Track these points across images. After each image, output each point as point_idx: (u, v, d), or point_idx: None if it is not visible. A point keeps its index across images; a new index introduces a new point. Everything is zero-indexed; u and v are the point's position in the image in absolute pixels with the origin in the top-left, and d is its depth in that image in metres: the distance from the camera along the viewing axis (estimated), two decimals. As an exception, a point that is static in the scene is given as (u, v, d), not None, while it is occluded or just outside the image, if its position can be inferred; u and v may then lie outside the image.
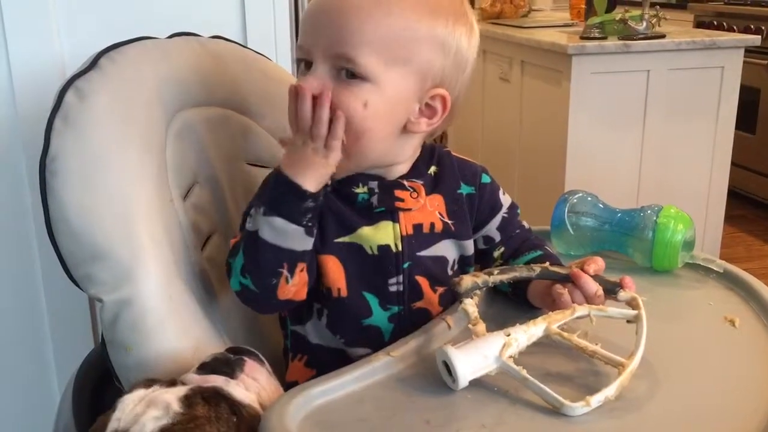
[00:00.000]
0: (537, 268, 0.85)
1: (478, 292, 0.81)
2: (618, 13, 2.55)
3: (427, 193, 0.89)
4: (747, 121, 3.43)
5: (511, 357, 0.74)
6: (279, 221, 0.78)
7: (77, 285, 0.86)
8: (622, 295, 0.82)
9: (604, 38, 2.48)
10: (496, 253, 0.94)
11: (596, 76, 2.43)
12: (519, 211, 0.97)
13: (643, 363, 0.75)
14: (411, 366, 0.78)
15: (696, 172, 2.62)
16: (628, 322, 0.80)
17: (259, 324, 1.01)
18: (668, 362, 0.79)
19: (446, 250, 0.90)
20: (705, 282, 0.97)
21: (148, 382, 0.72)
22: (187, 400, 0.67)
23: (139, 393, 0.70)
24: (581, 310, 0.80)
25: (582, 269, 0.83)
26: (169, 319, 0.84)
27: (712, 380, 0.77)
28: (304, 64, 0.82)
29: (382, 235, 0.86)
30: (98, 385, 0.95)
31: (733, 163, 2.68)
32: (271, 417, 0.68)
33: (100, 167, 0.86)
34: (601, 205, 1.06)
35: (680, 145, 2.57)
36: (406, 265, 0.87)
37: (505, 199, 0.96)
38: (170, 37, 1.05)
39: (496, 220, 0.94)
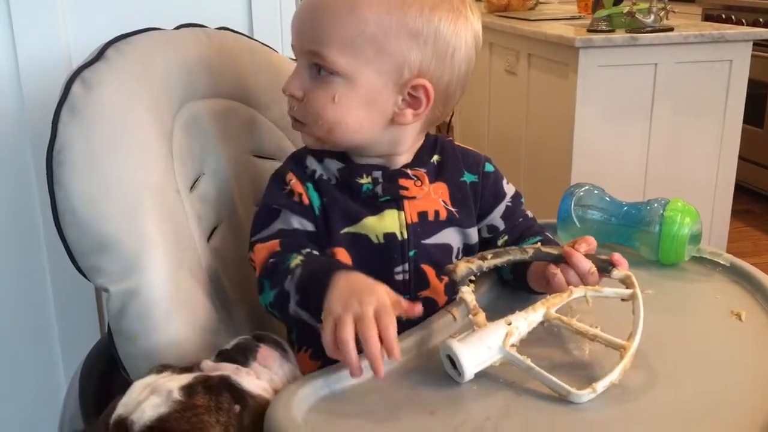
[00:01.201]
0: (530, 250, 0.85)
1: (473, 278, 0.81)
2: (625, 6, 2.54)
3: (431, 181, 0.90)
4: (755, 115, 3.41)
5: (513, 346, 0.74)
6: (305, 315, 0.79)
7: (84, 275, 0.87)
8: (616, 273, 0.82)
9: (611, 31, 2.47)
10: (500, 242, 0.94)
11: (603, 69, 2.42)
12: (523, 200, 0.97)
13: (648, 355, 0.75)
14: (416, 358, 0.78)
15: (703, 165, 2.61)
16: (622, 300, 0.80)
17: (266, 316, 1.01)
18: (674, 355, 0.79)
19: (450, 237, 0.90)
20: (711, 276, 0.97)
21: (162, 368, 0.73)
22: (189, 389, 0.67)
23: (149, 379, 0.70)
24: (577, 291, 0.80)
25: (573, 248, 0.83)
26: (176, 309, 0.85)
27: (719, 373, 0.77)
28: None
29: (387, 223, 0.87)
30: (105, 375, 0.95)
31: (740, 157, 2.66)
32: (276, 408, 0.68)
33: (106, 158, 0.86)
34: (607, 198, 1.06)
35: (687, 138, 2.56)
36: (412, 253, 0.87)
37: (509, 188, 0.96)
38: (177, 28, 1.05)
39: (500, 209, 0.95)
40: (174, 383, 0.68)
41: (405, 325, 0.82)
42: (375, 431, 0.67)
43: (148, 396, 0.67)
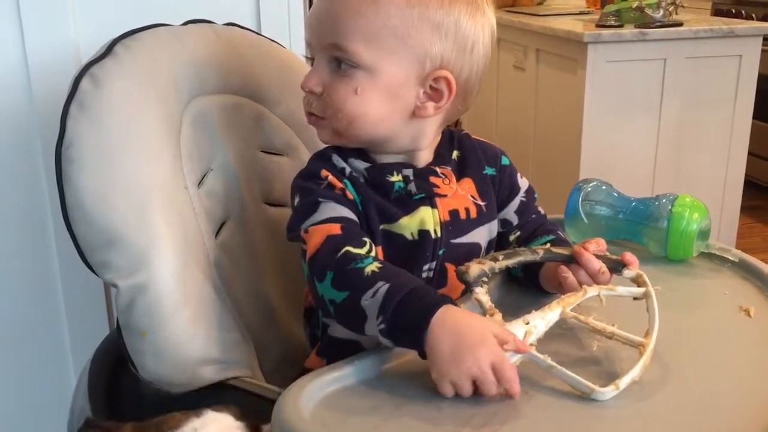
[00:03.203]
0: (540, 251, 0.85)
1: (486, 279, 0.81)
2: (634, 1, 2.53)
3: (457, 180, 0.89)
4: (765, 111, 3.38)
5: (532, 345, 0.73)
6: (388, 342, 0.74)
7: (93, 271, 0.87)
8: (627, 272, 0.82)
9: (620, 26, 2.47)
10: (512, 237, 0.94)
11: (612, 64, 2.41)
12: (536, 195, 0.97)
13: (656, 351, 0.75)
14: (424, 353, 0.78)
15: (712, 161, 2.60)
16: (635, 299, 0.80)
17: (275, 311, 1.02)
18: (683, 351, 0.78)
19: (480, 236, 0.90)
20: (720, 271, 0.97)
21: (239, 415, 0.70)
22: None
23: (227, 419, 0.68)
24: (592, 290, 0.80)
25: (583, 248, 0.84)
26: (184, 304, 0.85)
27: (727, 369, 0.76)
28: (311, 60, 0.86)
29: (422, 220, 0.86)
30: (114, 370, 0.96)
31: (750, 153, 2.65)
32: (284, 404, 0.68)
33: (115, 154, 0.86)
34: (615, 194, 1.05)
35: (697, 134, 2.55)
36: (441, 252, 0.87)
37: (523, 182, 0.96)
38: (184, 24, 1.05)
39: (515, 204, 0.95)
40: None
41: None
42: (382, 426, 0.67)
43: None
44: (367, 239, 0.80)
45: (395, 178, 0.86)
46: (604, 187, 1.06)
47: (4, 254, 1.28)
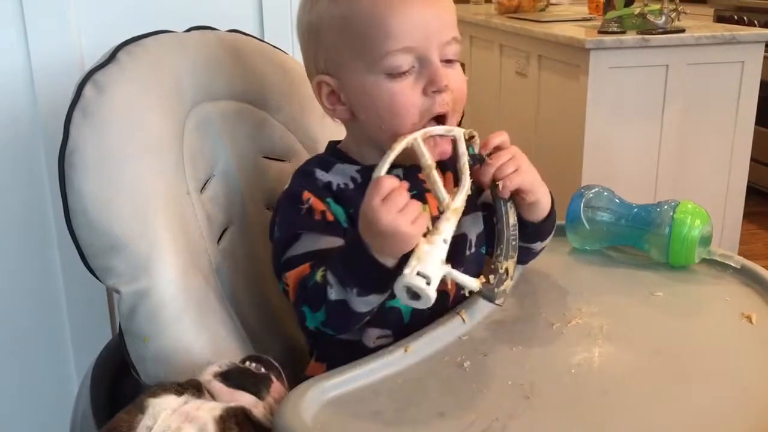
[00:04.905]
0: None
1: None
2: (637, 7, 2.53)
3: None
4: (767, 117, 3.39)
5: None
6: (373, 297, 0.77)
7: (95, 276, 0.87)
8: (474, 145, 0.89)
9: (622, 32, 2.47)
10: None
11: (614, 70, 2.41)
12: None
13: (658, 357, 0.76)
14: (425, 359, 0.78)
15: (715, 168, 2.60)
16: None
17: (276, 318, 1.02)
18: (684, 358, 0.79)
19: (466, 226, 0.90)
20: (722, 278, 0.97)
21: (179, 389, 0.71)
22: (222, 423, 0.67)
23: (170, 401, 0.69)
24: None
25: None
26: (186, 310, 0.85)
27: (729, 376, 0.76)
28: (404, 66, 0.82)
29: None
30: (116, 376, 0.96)
31: (752, 159, 2.65)
32: (286, 409, 0.68)
33: (118, 160, 0.87)
34: (617, 200, 1.05)
35: (699, 140, 2.55)
36: None
37: None
38: (188, 30, 1.05)
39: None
40: (206, 413, 0.68)
41: (415, 326, 0.83)
42: (384, 432, 0.67)
43: (180, 425, 0.67)
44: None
45: None
46: (605, 194, 1.06)
47: (6, 259, 1.29)
